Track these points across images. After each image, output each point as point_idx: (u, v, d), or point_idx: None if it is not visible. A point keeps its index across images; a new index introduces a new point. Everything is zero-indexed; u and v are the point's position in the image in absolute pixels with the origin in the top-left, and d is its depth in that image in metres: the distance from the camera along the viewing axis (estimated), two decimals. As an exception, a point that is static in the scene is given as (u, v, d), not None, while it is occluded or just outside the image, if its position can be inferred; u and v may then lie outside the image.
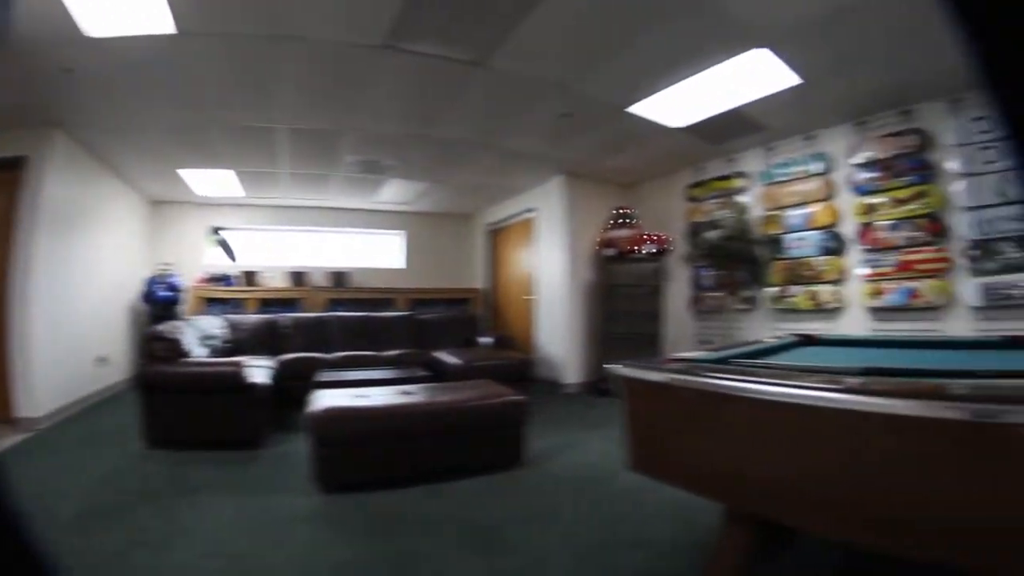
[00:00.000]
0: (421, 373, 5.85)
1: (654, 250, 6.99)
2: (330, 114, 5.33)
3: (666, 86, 4.80)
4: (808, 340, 3.27)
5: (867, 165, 5.52)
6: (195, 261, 8.88)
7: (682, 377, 1.87)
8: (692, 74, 4.55)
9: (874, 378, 1.64)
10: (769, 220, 6.36)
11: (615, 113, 5.37)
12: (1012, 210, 4.78)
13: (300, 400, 4.25)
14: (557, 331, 7.76)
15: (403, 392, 4.16)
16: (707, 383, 1.77)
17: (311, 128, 5.66)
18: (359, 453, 3.59)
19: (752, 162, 6.62)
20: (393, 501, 3.33)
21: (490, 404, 4.03)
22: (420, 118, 5.51)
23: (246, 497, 3.40)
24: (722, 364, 2.14)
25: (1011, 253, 4.76)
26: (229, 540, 2.82)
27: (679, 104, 5.19)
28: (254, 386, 4.64)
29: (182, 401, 4.48)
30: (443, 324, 8.03)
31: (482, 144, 6.37)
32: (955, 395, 1.30)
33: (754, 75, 4.54)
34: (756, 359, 2.35)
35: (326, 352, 6.70)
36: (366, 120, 5.52)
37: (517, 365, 6.39)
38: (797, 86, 4.66)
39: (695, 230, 7.07)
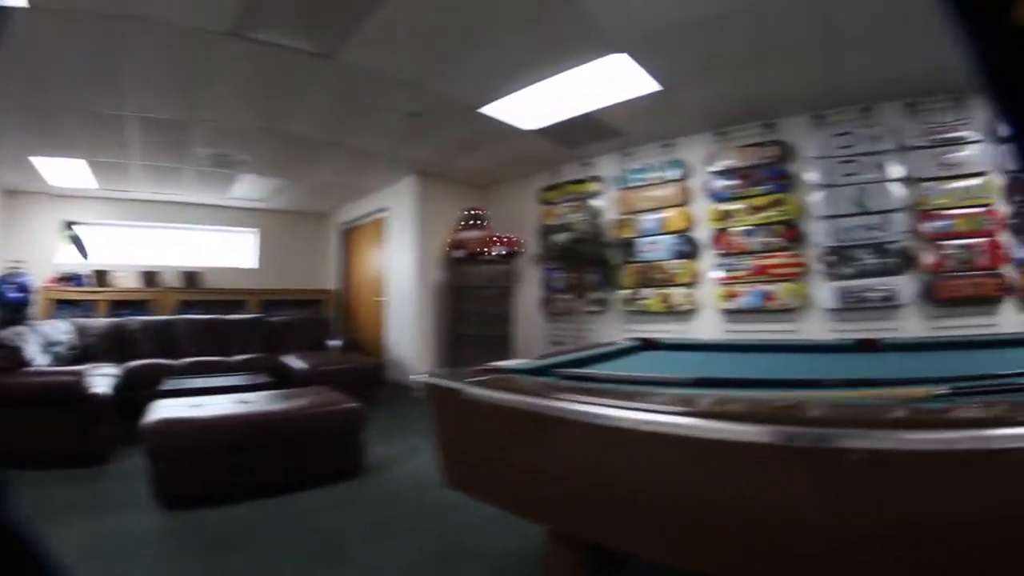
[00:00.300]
0: (266, 379, 5.44)
1: (505, 252, 6.79)
2: (180, 103, 4.90)
3: (520, 88, 4.58)
4: (648, 344, 3.10)
5: (725, 173, 5.50)
6: (47, 259, 7.99)
7: (483, 392, 1.68)
8: (547, 76, 4.35)
9: (703, 389, 1.56)
10: (623, 224, 6.23)
11: (467, 113, 5.10)
12: (867, 220, 4.91)
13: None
14: (407, 333, 7.41)
15: (242, 401, 3.88)
16: (507, 399, 1.59)
17: (161, 118, 5.20)
18: (196, 467, 3.29)
19: (608, 167, 6.48)
20: (233, 516, 3.08)
21: (326, 412, 3.80)
22: (270, 112, 5.15)
23: (86, 518, 3.03)
24: (540, 374, 1.98)
25: (867, 259, 4.92)
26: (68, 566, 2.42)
27: (534, 107, 4.94)
28: (96, 397, 4.18)
29: (17, 415, 3.94)
30: (293, 327, 7.60)
31: (333, 141, 6.04)
32: (767, 416, 1.14)
33: (612, 80, 4.37)
34: (584, 367, 2.20)
35: (175, 358, 6.12)
36: (217, 111, 5.12)
37: (366, 369, 6.15)
38: (656, 93, 4.56)
39: (547, 232, 6.88)
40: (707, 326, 5.55)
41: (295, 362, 6.10)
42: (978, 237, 4.76)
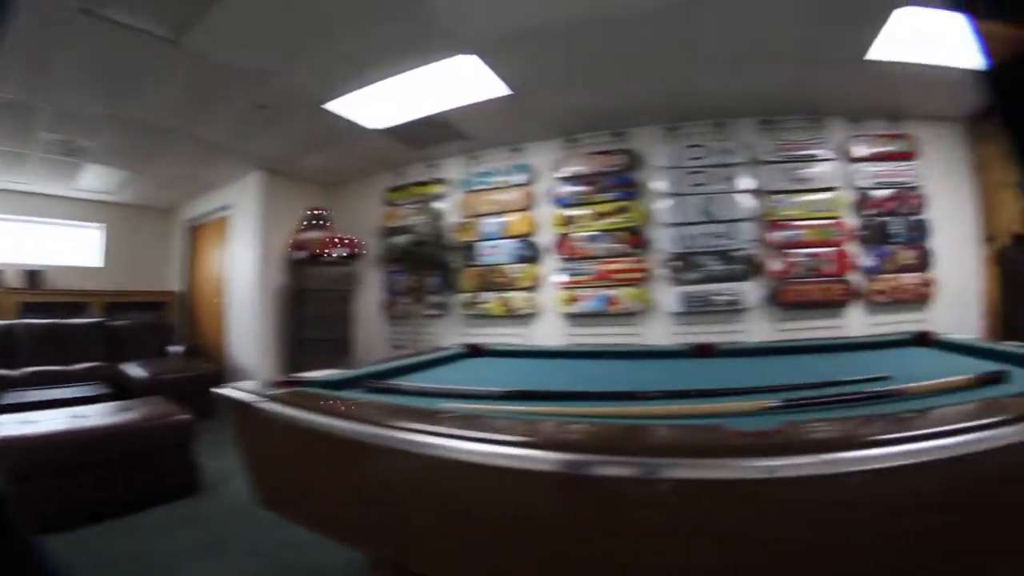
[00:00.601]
0: (105, 390, 5.02)
1: (346, 253, 6.39)
2: (21, 82, 4.40)
3: (367, 84, 4.31)
4: (475, 351, 2.84)
5: (572, 179, 5.34)
6: None
7: (275, 409, 1.51)
8: (396, 74, 4.10)
9: (513, 403, 1.44)
10: (465, 227, 5.90)
11: (311, 109, 4.78)
12: (714, 228, 5.01)
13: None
14: (248, 338, 6.87)
15: (76, 416, 3.53)
16: (298, 418, 1.37)
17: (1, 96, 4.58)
18: (21, 491, 2.91)
19: (454, 169, 6.09)
20: (66, 544, 2.81)
21: (157, 426, 3.52)
22: (117, 97, 4.73)
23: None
24: (348, 386, 1.82)
25: (712, 265, 5.00)
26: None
27: (381, 105, 4.65)
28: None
29: None
30: (136, 331, 6.97)
31: (180, 131, 5.48)
32: (556, 442, 1.01)
33: (461, 82, 4.15)
34: (401, 376, 2.04)
35: (15, 368, 5.48)
36: (61, 93, 4.63)
37: (207, 376, 5.64)
38: (506, 97, 4.35)
39: (389, 234, 6.43)
40: (549, 330, 5.36)
41: (135, 370, 5.55)
42: (826, 247, 5.05)
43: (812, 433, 1.05)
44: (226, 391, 1.66)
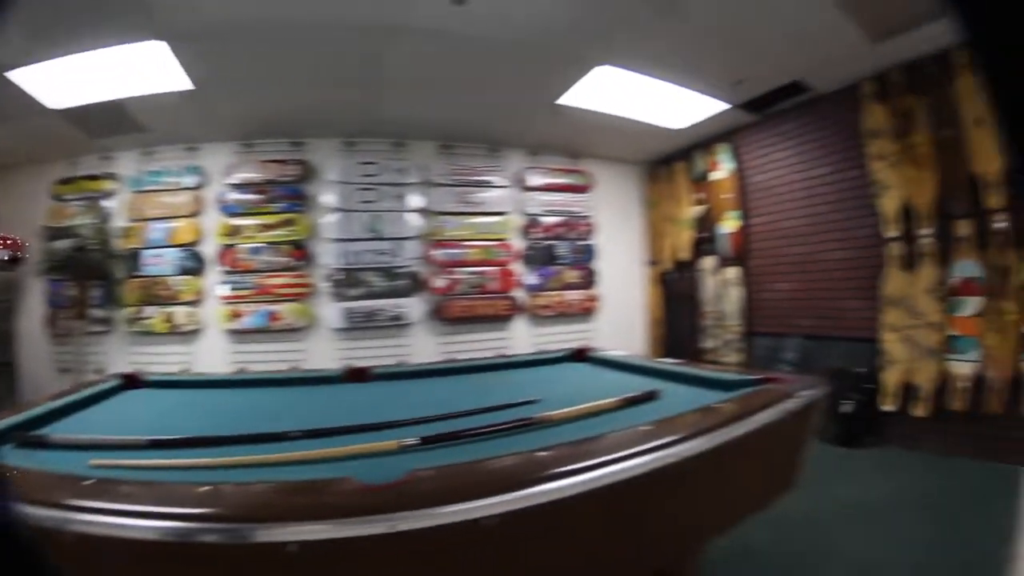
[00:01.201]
0: None
1: (7, 257, 5.25)
2: None
3: (52, 57, 3.76)
4: (131, 382, 2.47)
5: (243, 186, 5.04)
6: None
7: None
8: (83, 50, 3.65)
9: (157, 453, 1.35)
10: (132, 232, 5.21)
11: None
12: (379, 245, 5.07)
13: None
14: None
15: None
16: None
17: None
18: None
19: (127, 164, 5.35)
20: None
21: None
22: None
23: None
24: None
25: (376, 281, 5.05)
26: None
27: (64, 81, 4.06)
28: None
29: None
30: None
31: None
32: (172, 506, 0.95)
33: (146, 69, 3.86)
34: (50, 424, 1.74)
35: None
36: None
37: None
38: (188, 92, 4.12)
39: (53, 235, 5.33)
40: (212, 348, 5.02)
41: None
42: (492, 266, 5.42)
43: (435, 483, 1.06)
44: None
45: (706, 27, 3.54)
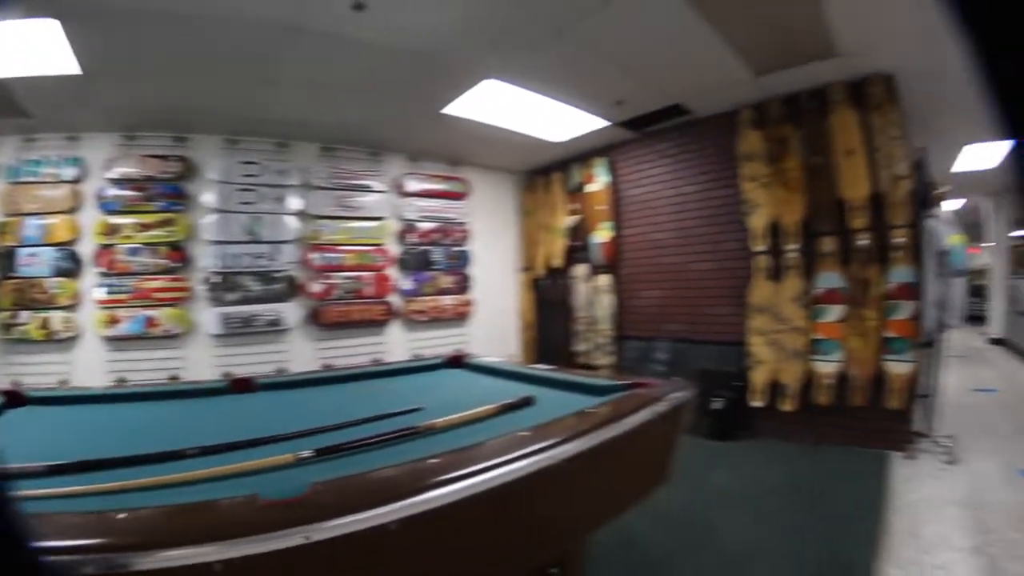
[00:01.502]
0: None
1: None
2: None
3: None
4: (14, 399, 2.28)
5: (122, 182, 4.73)
6: None
7: None
8: None
9: (53, 479, 1.28)
10: (7, 228, 4.77)
11: None
12: (257, 248, 4.96)
13: None
14: None
15: None
16: None
17: None
18: None
19: (5, 152, 4.87)
20: None
21: None
22: None
23: None
24: None
25: (253, 286, 4.93)
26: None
27: None
28: None
29: None
30: None
31: None
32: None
33: (35, 47, 3.60)
34: None
35: None
36: None
37: None
38: (75, 76, 3.88)
39: None
40: (89, 357, 4.70)
41: None
42: (368, 270, 5.46)
43: (339, 494, 1.11)
44: None
45: (594, 51, 3.72)
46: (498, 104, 4.45)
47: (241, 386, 2.47)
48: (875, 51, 3.86)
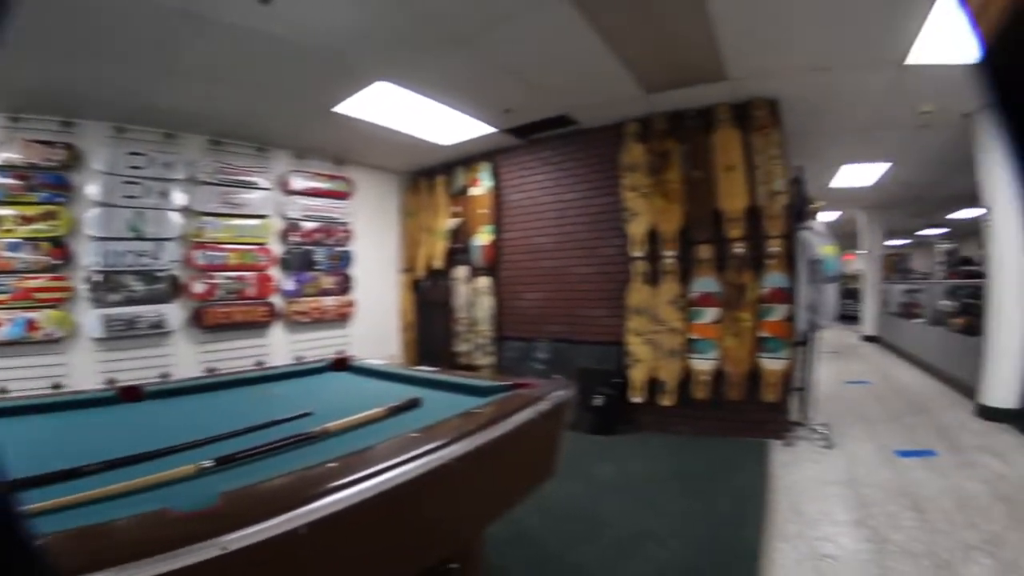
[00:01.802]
0: None
1: None
2: None
3: None
4: None
5: (4, 168, 4.31)
6: None
7: None
8: None
9: None
10: None
11: None
12: (140, 245, 4.76)
13: None
14: None
15: None
16: None
17: None
18: None
19: None
20: None
21: None
22: None
23: None
24: None
25: (136, 285, 4.73)
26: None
27: None
28: None
29: None
30: None
31: None
32: None
33: None
34: None
35: None
36: None
37: None
38: None
39: None
40: None
41: None
42: (250, 270, 5.39)
43: (247, 502, 1.12)
44: None
45: (490, 61, 3.84)
46: (388, 105, 4.52)
47: (130, 395, 2.39)
48: (762, 78, 4.10)
